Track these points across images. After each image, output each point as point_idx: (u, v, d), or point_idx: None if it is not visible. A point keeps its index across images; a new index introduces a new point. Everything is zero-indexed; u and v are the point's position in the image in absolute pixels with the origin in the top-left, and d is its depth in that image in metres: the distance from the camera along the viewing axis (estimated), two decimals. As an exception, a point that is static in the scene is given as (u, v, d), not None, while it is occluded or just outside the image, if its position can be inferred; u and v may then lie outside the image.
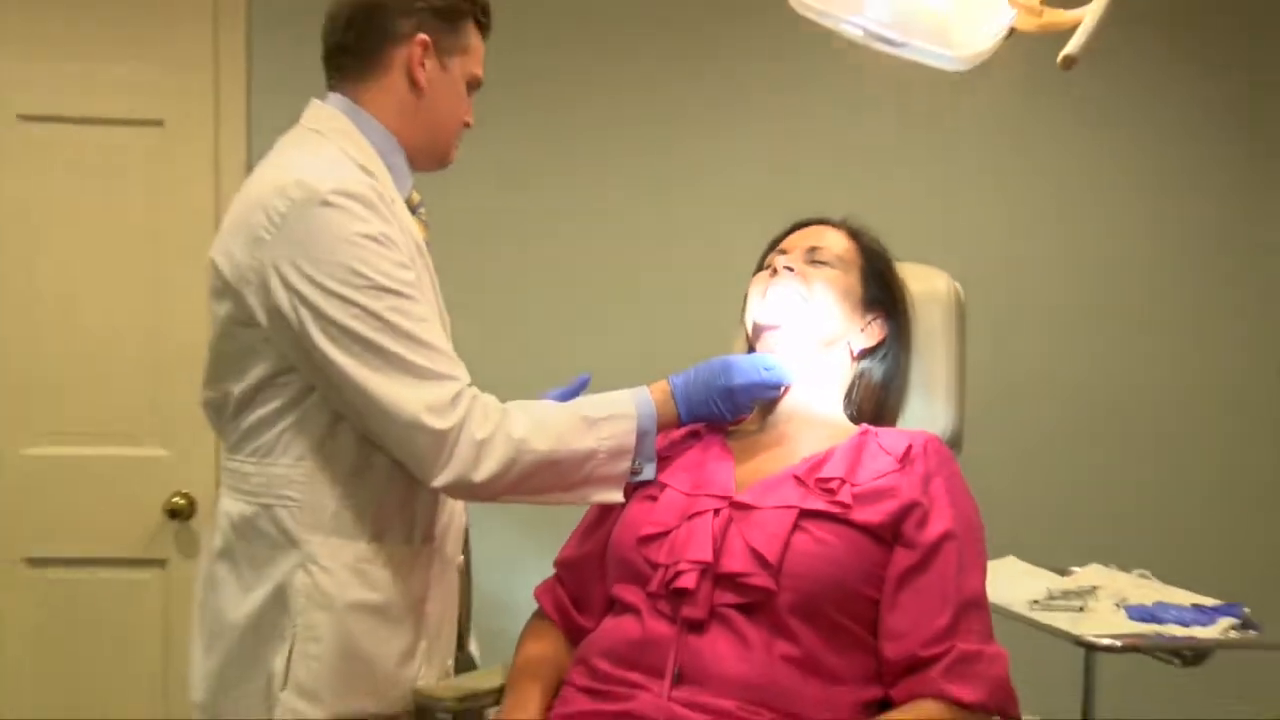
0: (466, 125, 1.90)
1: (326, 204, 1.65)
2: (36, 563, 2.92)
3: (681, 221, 2.90)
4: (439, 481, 1.67)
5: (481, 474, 1.66)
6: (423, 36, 1.79)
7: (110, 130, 2.91)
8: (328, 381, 1.68)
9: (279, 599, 1.72)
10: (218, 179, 2.90)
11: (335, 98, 1.83)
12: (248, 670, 1.74)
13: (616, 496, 1.77)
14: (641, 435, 1.75)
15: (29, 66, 2.89)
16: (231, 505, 1.77)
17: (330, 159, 1.73)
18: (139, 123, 2.91)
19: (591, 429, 1.73)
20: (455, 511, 1.91)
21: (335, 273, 1.64)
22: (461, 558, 1.96)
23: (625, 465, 1.75)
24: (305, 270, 1.65)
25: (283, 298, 1.66)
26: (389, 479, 1.74)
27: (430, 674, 1.83)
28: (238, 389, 1.75)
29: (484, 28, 1.88)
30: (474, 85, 1.88)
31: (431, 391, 1.65)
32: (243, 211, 1.72)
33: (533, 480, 1.71)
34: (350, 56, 1.82)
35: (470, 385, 1.71)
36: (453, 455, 1.65)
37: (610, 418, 1.75)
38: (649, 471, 1.77)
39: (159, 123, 2.91)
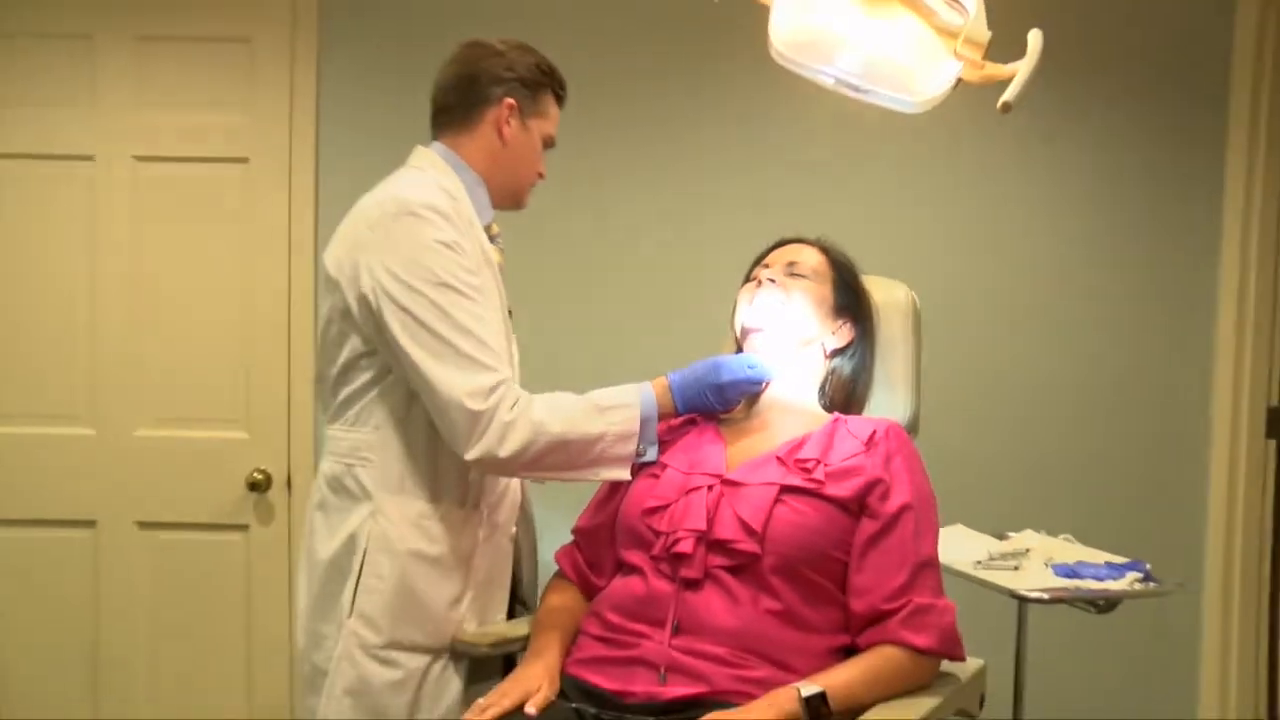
0: (540, 176, 1.93)
1: (413, 214, 1.70)
2: (145, 526, 2.90)
3: (683, 239, 2.87)
4: (470, 455, 1.67)
5: (505, 451, 1.66)
6: (509, 100, 1.84)
7: (206, 167, 2.89)
8: (397, 361, 1.70)
9: (352, 542, 1.75)
10: (290, 205, 2.89)
11: (437, 145, 1.88)
12: (331, 601, 1.76)
13: (624, 475, 1.74)
14: (644, 422, 1.73)
15: (143, 116, 2.87)
16: (327, 466, 1.81)
17: (423, 185, 1.77)
18: (229, 160, 2.89)
19: (601, 415, 1.72)
20: (511, 487, 1.90)
21: (412, 269, 1.68)
22: (515, 528, 1.93)
23: (631, 448, 1.73)
24: (388, 266, 1.68)
25: (368, 288, 1.69)
26: (450, 451, 1.72)
27: (473, 621, 1.82)
28: (335, 369, 1.78)
29: (560, 98, 1.92)
30: (548, 143, 1.92)
31: (474, 378, 1.66)
32: (350, 223, 1.79)
33: (550, 458, 1.70)
34: (451, 115, 1.86)
35: (509, 379, 1.70)
36: (484, 434, 1.65)
37: (617, 406, 1.73)
38: (651, 454, 1.75)
39: (245, 160, 2.88)
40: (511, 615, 1.93)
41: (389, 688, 1.73)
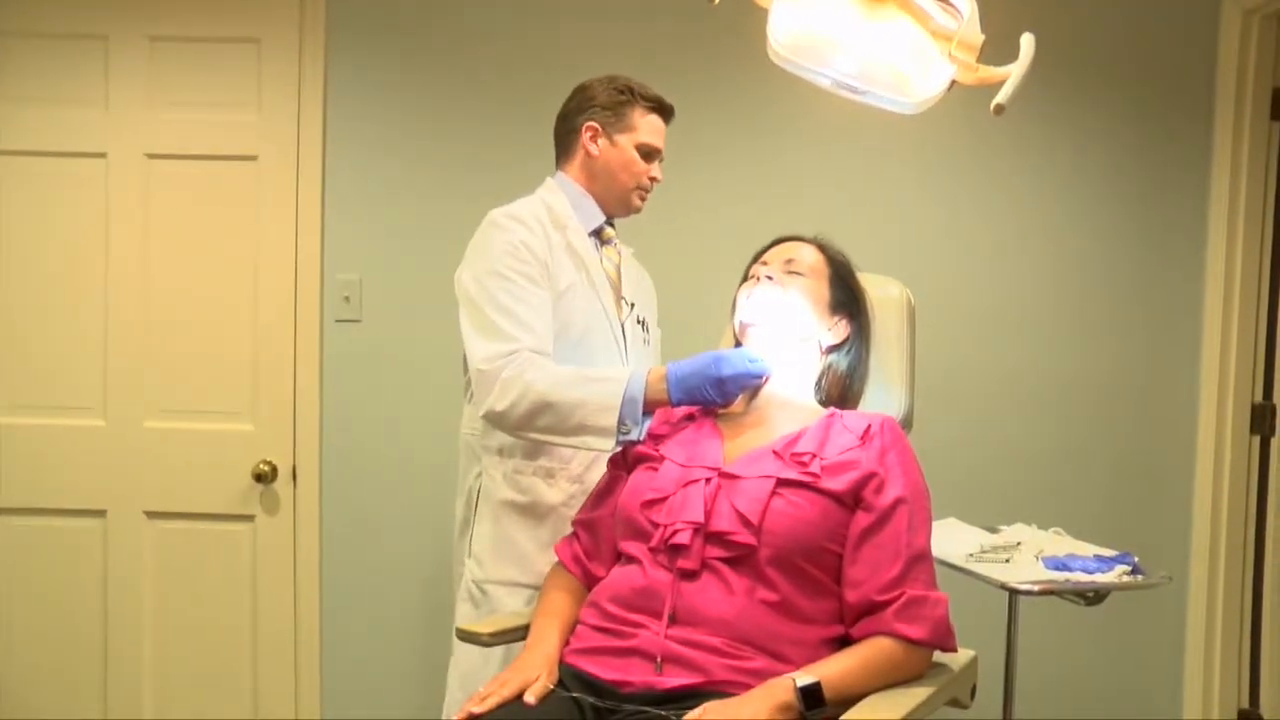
0: (654, 180, 2.12)
1: (492, 223, 1.98)
2: (153, 515, 2.90)
3: (681, 237, 2.86)
4: (481, 412, 1.88)
5: (500, 405, 1.84)
6: (591, 124, 2.07)
7: (216, 164, 2.88)
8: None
9: (469, 495, 2.06)
10: (298, 202, 2.88)
11: (557, 173, 2.13)
12: (462, 543, 2.09)
13: (606, 445, 1.79)
14: (628, 400, 1.78)
15: (154, 115, 2.87)
16: (462, 436, 2.11)
17: (523, 201, 2.04)
18: (238, 158, 2.88)
19: (586, 384, 1.82)
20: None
21: (477, 264, 1.95)
22: None
23: (610, 420, 1.78)
24: (470, 264, 1.97)
25: (458, 285, 1.97)
26: None
27: None
28: (463, 355, 2.00)
29: (655, 109, 2.10)
30: (647, 151, 2.09)
31: (494, 345, 1.86)
32: None
33: (539, 418, 1.83)
34: (558, 148, 2.14)
35: (528, 349, 1.86)
36: (489, 392, 1.85)
37: (603, 379, 1.82)
38: (636, 433, 1.79)
39: (253, 158, 2.87)
40: None
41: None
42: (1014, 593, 2.01)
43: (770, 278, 1.79)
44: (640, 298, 2.17)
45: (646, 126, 2.08)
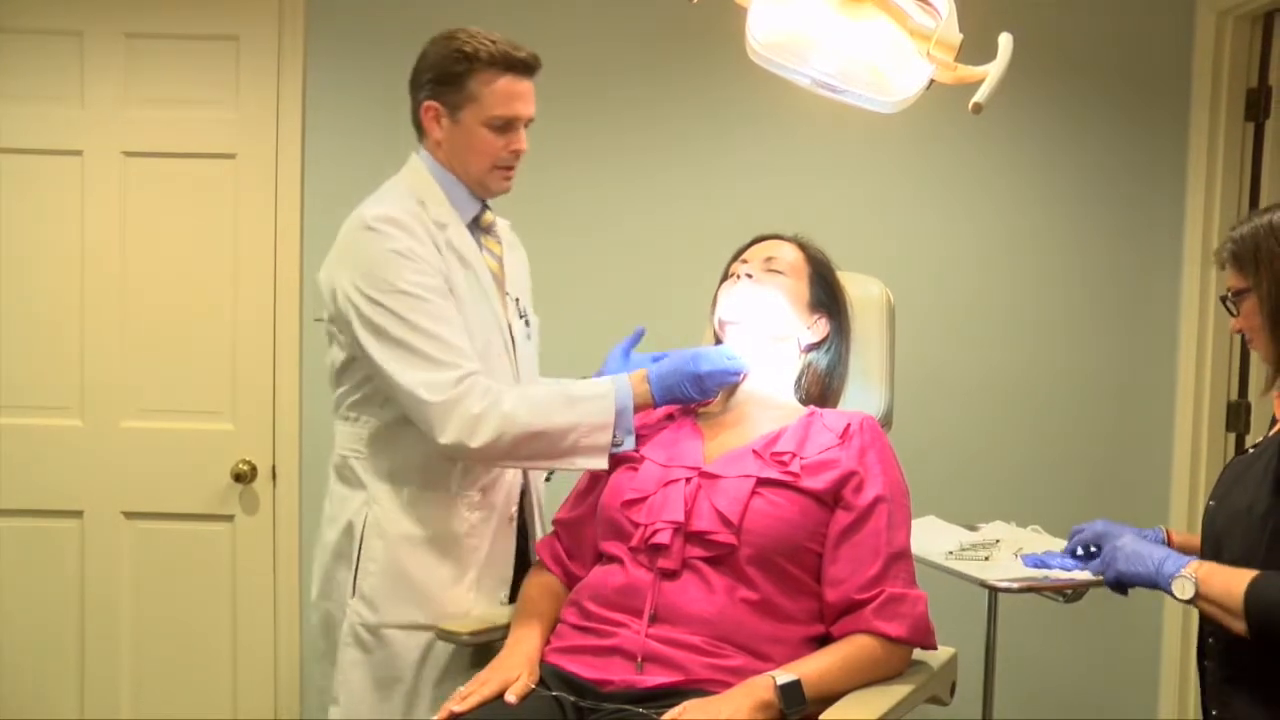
0: (516, 154, 1.85)
1: (368, 228, 1.75)
2: (131, 515, 2.87)
3: (664, 235, 2.86)
4: (441, 443, 1.69)
5: (476, 442, 1.69)
6: (429, 103, 1.83)
7: (194, 162, 2.85)
8: (371, 366, 1.75)
9: (350, 528, 1.82)
10: (276, 200, 2.86)
11: (421, 150, 1.89)
12: (333, 581, 1.85)
13: (601, 464, 1.73)
14: (619, 413, 1.73)
15: (131, 112, 2.84)
16: (334, 455, 1.88)
17: (388, 196, 1.82)
18: (216, 156, 2.85)
19: (573, 406, 1.73)
20: (506, 471, 1.89)
21: (370, 281, 1.73)
22: (517, 510, 1.92)
23: (605, 438, 1.72)
24: (353, 281, 1.74)
25: (341, 304, 1.76)
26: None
27: (482, 599, 1.84)
28: (332, 370, 1.86)
29: (506, 70, 1.80)
30: (501, 123, 1.81)
31: (431, 374, 1.69)
32: (336, 241, 1.83)
33: (524, 448, 1.72)
34: (414, 124, 1.89)
35: (475, 373, 1.72)
36: (449, 424, 1.68)
37: (590, 398, 1.74)
38: (629, 442, 1.74)
39: (232, 155, 2.85)
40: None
41: (389, 662, 1.78)
42: (993, 590, 2.01)
43: (750, 276, 1.79)
44: (518, 284, 1.99)
45: (494, 95, 1.79)
